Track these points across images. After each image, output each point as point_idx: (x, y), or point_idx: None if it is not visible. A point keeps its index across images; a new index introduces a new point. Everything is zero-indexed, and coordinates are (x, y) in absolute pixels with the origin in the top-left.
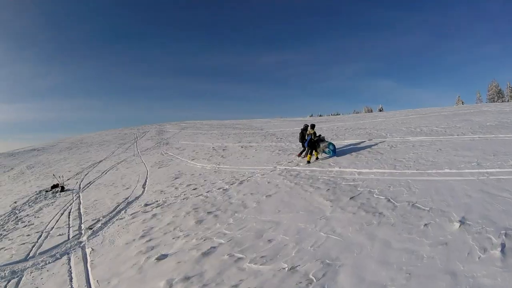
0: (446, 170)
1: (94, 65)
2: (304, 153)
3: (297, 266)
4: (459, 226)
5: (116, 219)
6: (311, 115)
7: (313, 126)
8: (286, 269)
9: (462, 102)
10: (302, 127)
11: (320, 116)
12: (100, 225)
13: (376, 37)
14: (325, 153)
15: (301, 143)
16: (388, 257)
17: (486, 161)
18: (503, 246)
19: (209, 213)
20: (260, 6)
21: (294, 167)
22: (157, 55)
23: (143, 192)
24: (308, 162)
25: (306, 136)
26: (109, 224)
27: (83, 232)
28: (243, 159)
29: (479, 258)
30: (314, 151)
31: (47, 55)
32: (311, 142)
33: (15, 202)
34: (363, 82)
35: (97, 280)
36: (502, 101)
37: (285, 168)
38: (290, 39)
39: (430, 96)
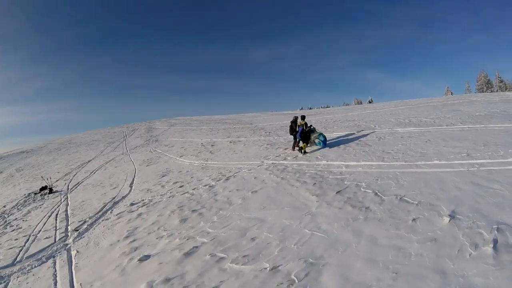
0: (436, 161)
1: (80, 66)
2: (297, 144)
3: (279, 266)
4: (449, 221)
5: (102, 220)
6: (301, 108)
7: (303, 117)
8: (268, 269)
9: (451, 93)
10: (292, 119)
11: (310, 109)
12: (86, 226)
13: (365, 29)
14: (316, 144)
15: (292, 136)
16: (374, 254)
17: (476, 151)
18: (495, 242)
19: (193, 211)
20: (247, 1)
21: (281, 161)
22: (144, 53)
23: (130, 191)
24: (305, 152)
25: (297, 128)
26: (94, 225)
27: (69, 234)
28: (231, 155)
29: (470, 255)
30: (304, 142)
31: (33, 58)
32: (303, 133)
33: (4, 206)
34: (353, 74)
35: (81, 284)
36: (491, 91)
37: (272, 163)
38: (279, 33)
39: (419, 87)
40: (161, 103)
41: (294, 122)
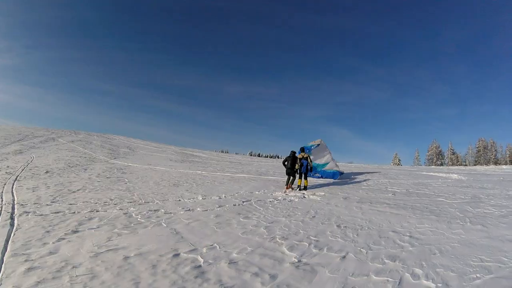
0: None
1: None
2: (294, 181)
3: None
4: None
5: None
6: (251, 153)
7: (303, 149)
8: None
9: (399, 160)
10: (290, 154)
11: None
12: None
13: (339, 84)
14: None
15: (287, 175)
16: None
17: None
18: None
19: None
20: (229, 34)
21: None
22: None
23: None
24: (305, 187)
25: (299, 161)
26: None
27: None
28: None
29: None
30: (305, 178)
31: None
32: (307, 168)
33: None
34: (322, 127)
35: None
36: (441, 164)
37: None
38: (258, 71)
39: (375, 150)
40: (127, 117)
41: (293, 157)
